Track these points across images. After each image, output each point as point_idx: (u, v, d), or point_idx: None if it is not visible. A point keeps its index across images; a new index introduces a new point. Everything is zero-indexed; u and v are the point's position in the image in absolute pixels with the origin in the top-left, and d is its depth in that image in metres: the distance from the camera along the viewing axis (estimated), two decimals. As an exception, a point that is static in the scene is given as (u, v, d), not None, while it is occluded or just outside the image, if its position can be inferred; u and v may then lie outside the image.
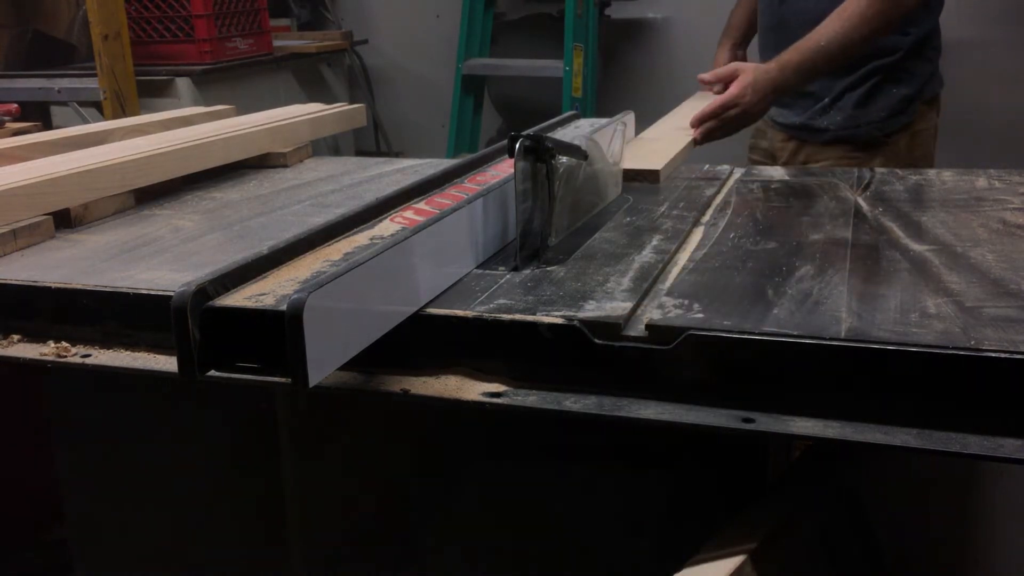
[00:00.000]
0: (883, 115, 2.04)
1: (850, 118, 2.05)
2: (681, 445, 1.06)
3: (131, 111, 3.07)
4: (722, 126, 1.83)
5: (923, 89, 2.06)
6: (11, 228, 1.31)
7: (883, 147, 2.06)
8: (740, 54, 2.45)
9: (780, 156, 2.23)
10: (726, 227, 1.29)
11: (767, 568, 0.95)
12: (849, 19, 1.81)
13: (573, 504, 1.16)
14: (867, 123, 2.05)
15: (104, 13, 2.98)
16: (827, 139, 2.09)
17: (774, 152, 2.25)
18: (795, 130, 2.17)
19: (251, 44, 3.74)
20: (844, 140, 2.07)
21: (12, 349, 1.13)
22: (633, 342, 0.93)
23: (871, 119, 2.04)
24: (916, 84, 2.05)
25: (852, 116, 2.05)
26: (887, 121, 2.04)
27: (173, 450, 1.35)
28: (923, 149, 2.11)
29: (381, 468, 1.25)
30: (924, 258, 1.12)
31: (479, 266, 1.13)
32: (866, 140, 2.06)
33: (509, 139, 1.09)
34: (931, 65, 2.08)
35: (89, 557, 1.46)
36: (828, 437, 0.86)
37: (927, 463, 1.10)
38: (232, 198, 1.59)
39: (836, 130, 2.07)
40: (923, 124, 2.09)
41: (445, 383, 0.98)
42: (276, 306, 0.81)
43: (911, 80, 2.04)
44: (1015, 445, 0.82)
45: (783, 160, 2.21)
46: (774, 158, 2.25)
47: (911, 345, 0.85)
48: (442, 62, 4.31)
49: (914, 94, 2.05)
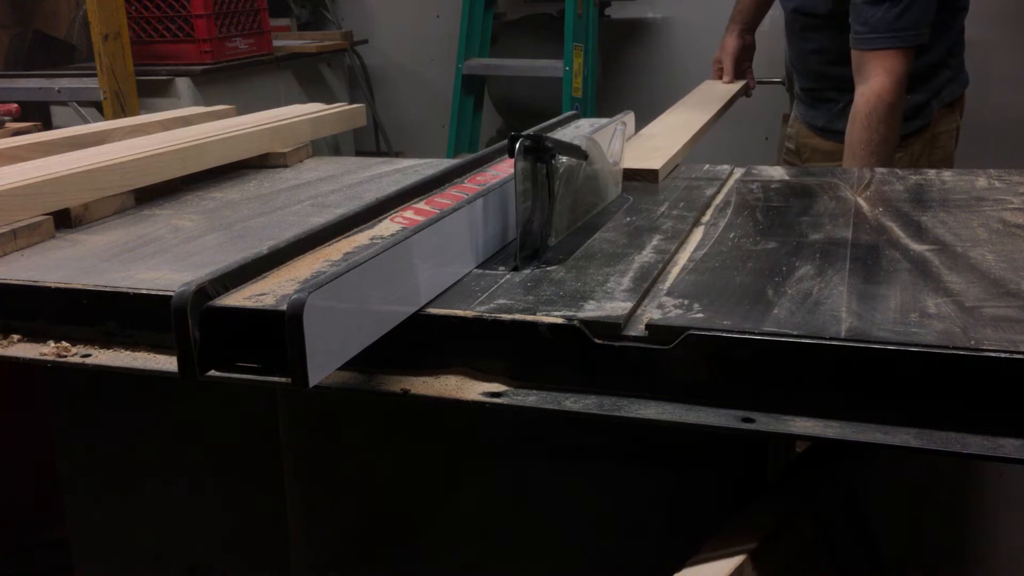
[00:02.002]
0: None
1: None
2: (681, 445, 1.06)
3: (131, 111, 3.07)
4: None
5: (941, 92, 2.06)
6: (11, 228, 1.31)
7: (898, 150, 2.06)
8: (748, 39, 2.46)
9: (803, 153, 2.28)
10: (726, 227, 1.29)
11: (767, 568, 0.95)
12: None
13: (573, 504, 1.16)
14: None
15: (104, 13, 2.98)
16: (842, 141, 2.09)
17: (799, 149, 2.30)
18: (819, 131, 2.24)
19: (251, 44, 3.74)
20: None
21: (12, 349, 1.13)
22: (633, 342, 0.93)
23: None
24: (933, 89, 2.05)
25: None
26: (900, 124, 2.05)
27: (173, 450, 1.35)
28: (943, 152, 2.11)
29: (381, 468, 1.25)
30: (924, 258, 1.12)
31: (479, 266, 1.13)
32: None
33: (509, 139, 1.09)
34: (951, 70, 2.08)
35: (89, 557, 1.46)
36: (828, 437, 0.86)
37: (927, 463, 1.11)
38: (232, 198, 1.59)
39: None
40: (942, 127, 2.09)
41: (445, 383, 0.98)
42: (276, 306, 0.81)
43: (926, 88, 2.05)
44: (1015, 445, 0.82)
45: (805, 157, 2.26)
46: (799, 155, 2.30)
47: (911, 345, 0.85)
48: (442, 62, 4.31)
49: (930, 98, 2.05)
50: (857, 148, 1.98)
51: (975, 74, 2.22)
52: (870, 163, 1.95)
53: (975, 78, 2.21)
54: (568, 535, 1.17)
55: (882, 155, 1.96)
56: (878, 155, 1.95)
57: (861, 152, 1.97)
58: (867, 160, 1.96)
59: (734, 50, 2.44)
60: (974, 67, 2.22)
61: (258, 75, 3.78)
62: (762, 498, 1.05)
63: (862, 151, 1.96)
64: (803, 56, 2.26)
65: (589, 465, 1.14)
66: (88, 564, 1.46)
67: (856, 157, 1.98)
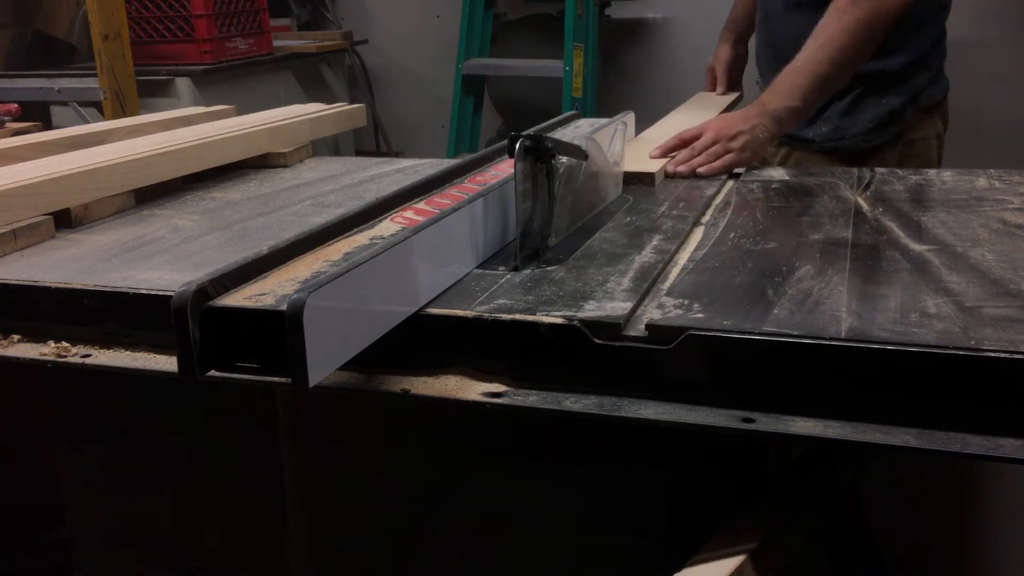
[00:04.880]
0: (870, 126, 1.95)
1: (835, 129, 1.97)
2: (681, 445, 1.06)
3: (131, 111, 3.07)
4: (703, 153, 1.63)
5: (919, 97, 1.96)
6: (11, 228, 1.31)
7: (871, 159, 1.96)
8: (741, 50, 2.40)
9: (771, 163, 2.17)
10: (726, 227, 1.29)
11: (767, 568, 0.95)
12: (830, 39, 1.69)
13: (573, 504, 1.16)
14: (852, 135, 1.96)
15: (104, 13, 2.98)
16: (814, 150, 2.02)
17: (766, 158, 2.20)
18: (786, 138, 2.08)
19: (251, 44, 3.74)
20: (830, 152, 1.99)
21: (12, 349, 1.13)
22: (633, 342, 0.93)
23: (857, 131, 1.95)
24: (909, 93, 1.95)
25: (838, 128, 1.97)
26: (873, 132, 1.96)
27: (173, 450, 1.35)
28: (921, 160, 1.97)
29: (381, 468, 1.25)
30: (924, 258, 1.12)
31: (479, 266, 1.13)
32: (852, 152, 1.97)
33: (509, 139, 1.09)
34: (930, 72, 1.98)
35: (89, 557, 1.46)
36: (828, 437, 0.86)
37: (927, 463, 1.11)
38: (232, 198, 1.59)
39: (821, 141, 1.99)
40: (919, 133, 1.98)
41: (445, 383, 0.98)
42: (276, 306, 0.81)
43: (903, 89, 1.94)
44: (1015, 445, 0.82)
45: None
46: (765, 163, 2.20)
47: (911, 345, 0.85)
48: (442, 62, 4.31)
49: (905, 103, 1.95)
50: (816, 36, 1.70)
51: (975, 74, 2.17)
52: (824, 56, 1.69)
53: (975, 78, 2.17)
54: (568, 535, 1.17)
55: (844, 46, 1.68)
56: (838, 45, 1.68)
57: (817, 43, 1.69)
58: (820, 53, 1.69)
59: (727, 60, 2.38)
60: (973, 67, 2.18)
61: (258, 75, 3.78)
62: (762, 498, 1.05)
63: (816, 39, 1.69)
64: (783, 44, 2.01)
65: (589, 465, 1.14)
66: (88, 564, 1.46)
67: (811, 48, 1.70)
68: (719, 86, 2.38)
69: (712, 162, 1.60)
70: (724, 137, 1.62)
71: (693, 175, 1.59)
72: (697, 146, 1.63)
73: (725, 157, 1.61)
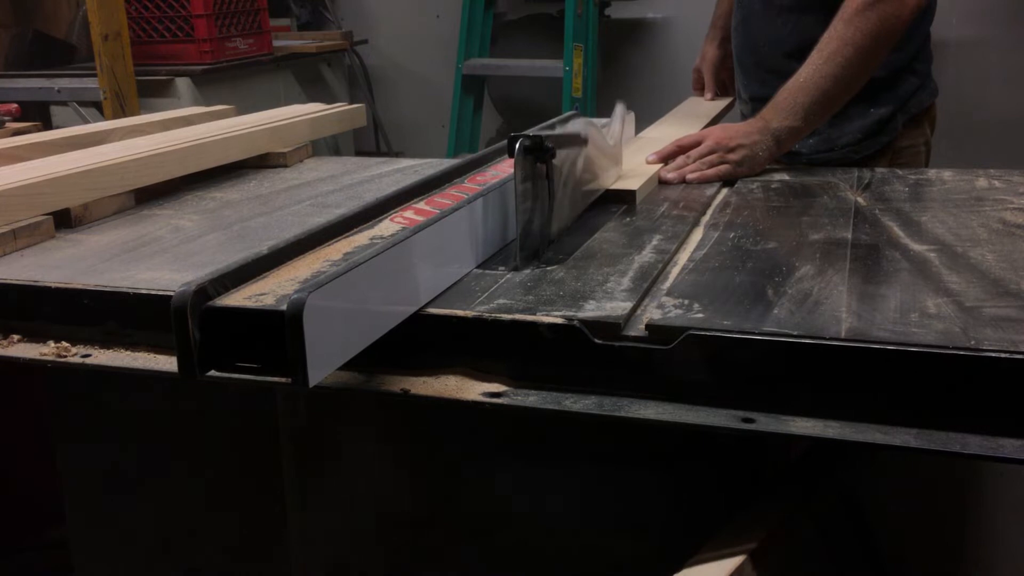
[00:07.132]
0: (858, 137, 1.89)
1: (824, 141, 1.91)
2: (681, 445, 1.06)
3: (131, 111, 3.08)
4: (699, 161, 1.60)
5: (907, 105, 1.91)
6: (11, 228, 1.31)
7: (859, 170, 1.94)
8: (728, 48, 2.35)
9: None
10: (726, 227, 1.29)
11: (767, 568, 0.95)
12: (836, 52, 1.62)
13: (573, 504, 1.16)
14: (841, 146, 1.90)
15: (104, 13, 2.98)
16: (802, 162, 1.95)
17: None
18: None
19: (251, 44, 3.74)
20: (819, 163, 1.92)
21: (12, 349, 1.13)
22: (633, 342, 0.93)
23: (845, 141, 1.90)
24: (897, 101, 1.89)
25: (826, 139, 1.91)
26: (862, 143, 1.90)
27: (173, 450, 1.35)
28: (908, 169, 1.97)
29: (381, 468, 1.25)
30: (924, 258, 1.12)
31: (479, 266, 1.13)
32: (841, 163, 1.90)
33: (509, 139, 1.09)
34: (917, 77, 1.92)
35: (89, 557, 1.46)
36: (828, 437, 0.86)
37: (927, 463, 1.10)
38: (232, 198, 1.59)
39: (810, 153, 1.93)
40: (907, 141, 1.93)
41: (445, 383, 0.98)
42: (276, 306, 0.81)
43: (891, 98, 1.89)
44: (1015, 445, 0.82)
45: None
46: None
47: (911, 345, 0.85)
48: (442, 62, 4.31)
49: (894, 112, 1.89)
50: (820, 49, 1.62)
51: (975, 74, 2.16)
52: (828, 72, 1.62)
53: (975, 78, 2.16)
54: (568, 535, 1.17)
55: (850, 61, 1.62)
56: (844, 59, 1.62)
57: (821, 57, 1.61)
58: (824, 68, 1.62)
59: (713, 59, 2.31)
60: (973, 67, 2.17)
61: (258, 75, 3.78)
62: (762, 498, 1.05)
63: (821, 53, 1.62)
64: (766, 50, 1.97)
65: (589, 465, 1.14)
66: (88, 564, 1.46)
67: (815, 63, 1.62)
68: (707, 90, 2.32)
69: (705, 170, 1.58)
70: (723, 148, 1.60)
71: (683, 182, 1.57)
72: (693, 154, 1.61)
73: (720, 167, 1.59)
